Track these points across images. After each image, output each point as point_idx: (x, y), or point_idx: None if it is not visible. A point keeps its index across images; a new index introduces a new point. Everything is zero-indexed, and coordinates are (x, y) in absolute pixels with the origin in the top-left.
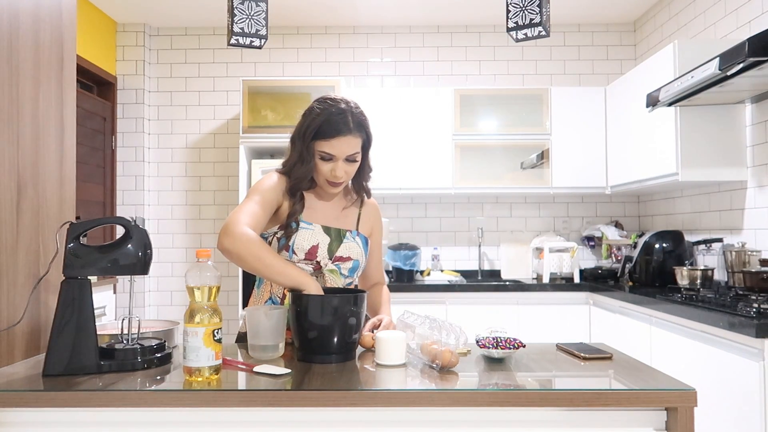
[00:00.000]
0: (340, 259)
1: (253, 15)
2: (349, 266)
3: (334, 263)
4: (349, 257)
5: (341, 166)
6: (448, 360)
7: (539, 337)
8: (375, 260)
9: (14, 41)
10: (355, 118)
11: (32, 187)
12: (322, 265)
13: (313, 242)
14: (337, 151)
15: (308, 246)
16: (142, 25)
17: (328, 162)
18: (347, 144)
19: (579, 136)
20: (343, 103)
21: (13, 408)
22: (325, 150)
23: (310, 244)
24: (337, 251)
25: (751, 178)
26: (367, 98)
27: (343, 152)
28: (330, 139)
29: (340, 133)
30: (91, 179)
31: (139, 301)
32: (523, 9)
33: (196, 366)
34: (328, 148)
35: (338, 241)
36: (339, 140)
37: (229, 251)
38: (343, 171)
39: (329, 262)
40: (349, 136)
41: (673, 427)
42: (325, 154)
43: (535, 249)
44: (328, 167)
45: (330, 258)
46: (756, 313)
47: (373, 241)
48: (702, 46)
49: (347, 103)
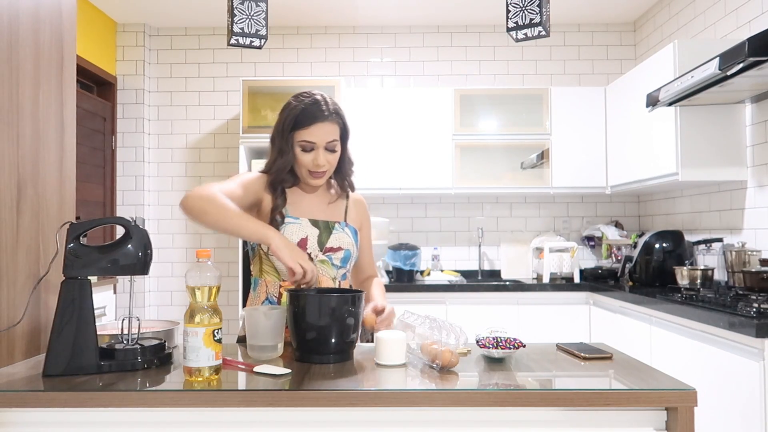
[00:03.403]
0: (331, 250)
1: (253, 15)
2: (341, 256)
3: (325, 254)
4: (340, 247)
5: (322, 154)
6: (448, 360)
7: (539, 337)
8: (367, 254)
9: (14, 41)
10: (330, 105)
11: (32, 187)
12: (313, 257)
13: (301, 235)
14: (316, 138)
15: (297, 239)
16: (142, 25)
17: (309, 153)
18: (325, 130)
19: (579, 136)
20: (318, 94)
21: (13, 408)
22: (305, 138)
23: (299, 237)
24: (328, 242)
25: (751, 178)
26: (367, 98)
27: (323, 139)
28: (308, 126)
29: (317, 119)
30: (91, 179)
31: (139, 301)
32: (523, 9)
33: (196, 366)
34: (307, 136)
35: (327, 233)
36: (317, 127)
37: (188, 207)
38: (325, 159)
39: (320, 254)
40: (326, 122)
41: (673, 427)
42: (306, 143)
43: (535, 249)
44: (309, 157)
45: (321, 249)
46: (756, 313)
47: (363, 235)
48: (702, 46)
49: (321, 95)
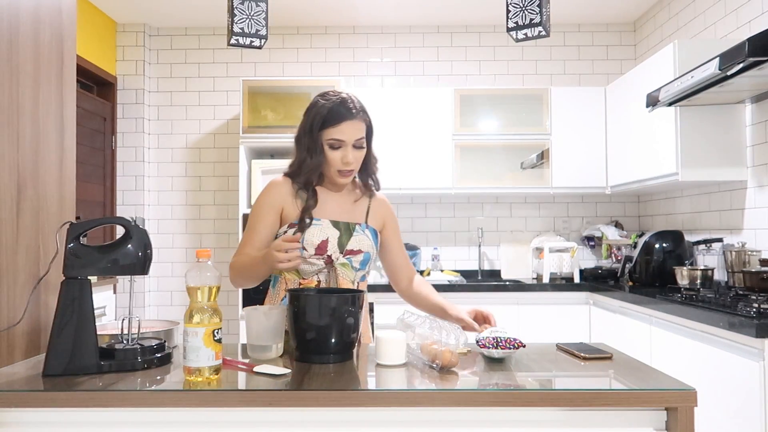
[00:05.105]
0: (351, 252)
1: (253, 15)
2: (360, 259)
3: (345, 257)
4: (360, 250)
5: (351, 152)
6: (448, 360)
7: (539, 337)
8: (400, 254)
9: (14, 41)
10: (357, 104)
11: (32, 187)
12: (334, 259)
13: (322, 237)
14: (346, 135)
15: (318, 241)
16: (142, 25)
17: (337, 150)
18: (354, 128)
19: (579, 136)
20: (344, 93)
21: (13, 408)
22: (335, 137)
23: (320, 239)
24: (348, 244)
25: (751, 178)
26: (367, 98)
27: (352, 136)
28: (338, 124)
29: (347, 117)
30: (91, 179)
31: (139, 301)
32: (523, 9)
33: (196, 366)
34: (337, 134)
35: (348, 235)
36: (347, 124)
37: (234, 284)
38: (353, 157)
39: (340, 256)
40: (355, 120)
41: (673, 427)
42: (335, 141)
43: (535, 249)
44: (338, 155)
45: (341, 252)
46: (756, 313)
47: (391, 233)
48: (702, 46)
49: (347, 94)
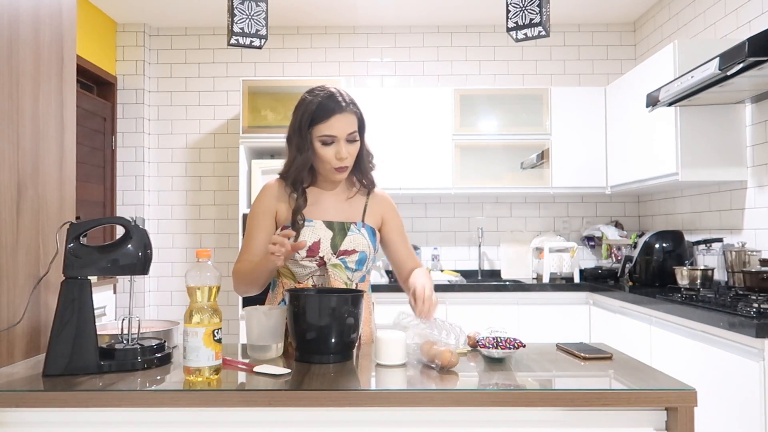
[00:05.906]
0: (346, 253)
1: (253, 15)
2: (356, 259)
3: (338, 257)
4: (355, 250)
5: (344, 146)
6: (448, 360)
7: (539, 337)
8: (402, 248)
9: (14, 41)
10: (346, 97)
11: (32, 187)
12: (326, 261)
13: (314, 238)
14: (337, 130)
15: (309, 242)
16: (142, 25)
17: (330, 146)
18: (345, 121)
19: (579, 136)
20: (332, 87)
21: (13, 408)
22: (326, 132)
23: (312, 240)
24: (342, 245)
25: (751, 178)
26: (367, 98)
27: (344, 130)
28: (327, 119)
29: (336, 111)
30: (91, 179)
31: (139, 301)
32: (523, 9)
33: (196, 366)
34: (327, 130)
35: (342, 235)
36: (337, 118)
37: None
38: (347, 151)
39: (333, 257)
40: (345, 113)
41: (673, 427)
42: (326, 137)
43: (535, 249)
44: (331, 151)
45: (334, 253)
46: (756, 313)
47: (392, 229)
48: (702, 46)
49: (335, 88)
